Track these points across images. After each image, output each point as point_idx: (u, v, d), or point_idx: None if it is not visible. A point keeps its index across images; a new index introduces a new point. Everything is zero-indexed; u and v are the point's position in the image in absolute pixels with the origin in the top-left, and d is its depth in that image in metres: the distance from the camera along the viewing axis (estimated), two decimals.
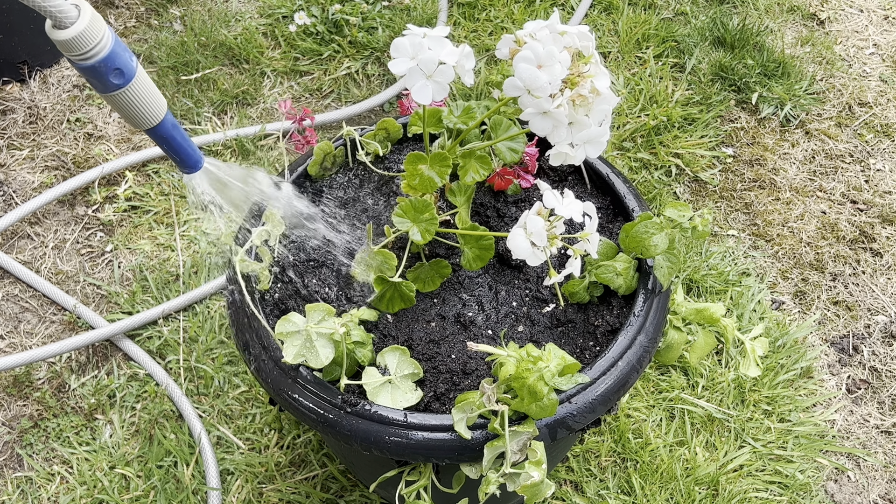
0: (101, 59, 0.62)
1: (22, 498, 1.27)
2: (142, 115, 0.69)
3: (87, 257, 1.57)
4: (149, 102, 0.68)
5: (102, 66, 0.63)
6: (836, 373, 1.43)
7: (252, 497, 1.26)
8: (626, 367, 0.84)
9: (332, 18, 1.92)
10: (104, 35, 0.62)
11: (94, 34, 0.61)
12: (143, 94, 0.67)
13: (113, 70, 0.64)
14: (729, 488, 1.26)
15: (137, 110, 0.68)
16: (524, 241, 0.76)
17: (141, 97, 0.67)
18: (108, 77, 0.64)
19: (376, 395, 0.81)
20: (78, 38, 0.60)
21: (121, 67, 0.64)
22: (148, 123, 0.70)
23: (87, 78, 0.65)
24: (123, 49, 0.64)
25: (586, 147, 0.76)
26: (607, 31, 1.97)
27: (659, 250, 0.87)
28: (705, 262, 1.54)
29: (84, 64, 0.62)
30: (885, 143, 1.78)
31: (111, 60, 0.63)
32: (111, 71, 0.64)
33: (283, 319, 0.80)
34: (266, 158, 1.70)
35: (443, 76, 0.75)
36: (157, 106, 0.69)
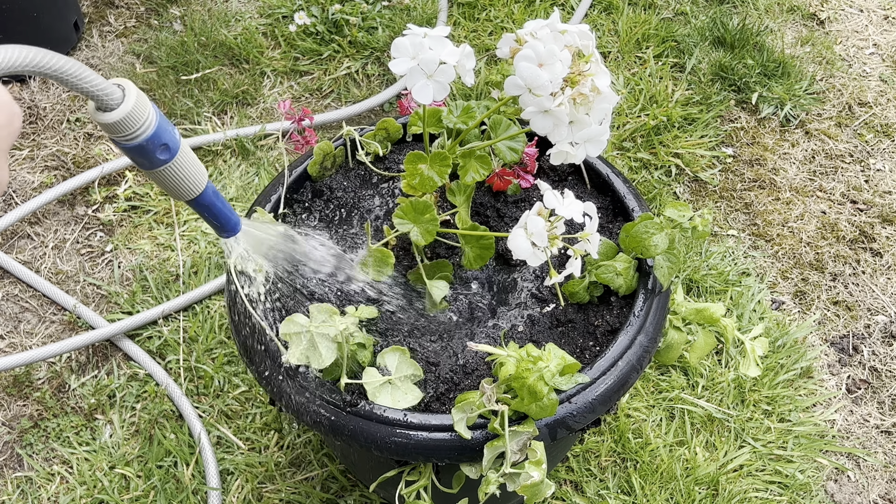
0: (149, 137, 0.61)
1: (22, 498, 1.27)
2: (186, 187, 0.67)
3: (87, 257, 1.57)
4: (192, 174, 0.67)
5: (149, 145, 0.61)
6: (836, 373, 1.43)
7: (252, 497, 1.26)
8: (626, 367, 0.84)
9: (332, 18, 1.92)
10: (149, 113, 0.60)
11: (140, 115, 0.59)
12: (187, 166, 0.66)
13: (160, 146, 0.62)
14: (729, 488, 1.26)
15: (182, 182, 0.66)
16: (525, 241, 0.76)
17: (185, 169, 0.66)
18: (156, 154, 0.62)
19: (377, 395, 0.81)
20: (124, 120, 0.58)
21: (167, 142, 0.62)
22: (191, 194, 0.68)
23: (132, 157, 0.63)
24: (167, 123, 0.62)
25: (587, 146, 0.76)
26: (607, 31, 1.97)
27: (659, 250, 0.87)
28: (705, 262, 1.54)
29: (130, 144, 0.60)
30: (885, 143, 1.78)
31: (157, 138, 0.61)
32: (158, 147, 0.62)
33: (288, 320, 0.80)
34: (266, 158, 1.70)
35: (443, 76, 0.75)
36: (200, 176, 0.68)
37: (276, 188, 1.02)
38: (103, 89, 0.56)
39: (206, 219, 0.73)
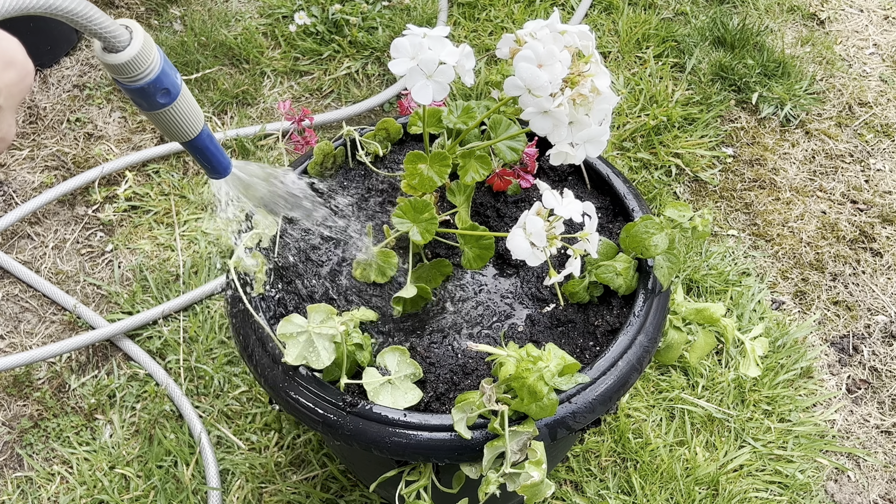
0: (151, 81, 0.61)
1: (22, 498, 1.27)
2: (183, 129, 0.68)
3: (87, 257, 1.57)
4: (189, 117, 0.67)
5: (151, 87, 0.61)
6: (836, 373, 1.43)
7: (252, 497, 1.26)
8: (626, 367, 0.84)
9: (332, 18, 1.92)
10: (154, 57, 0.60)
11: (145, 57, 0.59)
12: (185, 109, 0.66)
13: (161, 90, 0.62)
14: (729, 488, 1.26)
15: (179, 125, 0.67)
16: (524, 241, 0.76)
17: (183, 113, 0.66)
18: (156, 97, 0.62)
19: (377, 396, 0.81)
20: (130, 62, 0.58)
21: (168, 87, 0.63)
22: (187, 136, 0.69)
23: (132, 97, 0.63)
24: (170, 67, 0.63)
25: (586, 146, 0.76)
26: (607, 31, 1.97)
27: (659, 250, 0.87)
28: (705, 262, 1.54)
29: (133, 86, 0.61)
30: (885, 143, 1.78)
31: (160, 82, 0.62)
32: (159, 91, 0.62)
33: (285, 320, 0.80)
34: (266, 158, 1.70)
35: (443, 76, 0.75)
36: (197, 119, 0.68)
37: None
38: (111, 30, 0.56)
39: (197, 160, 0.74)
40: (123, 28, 0.58)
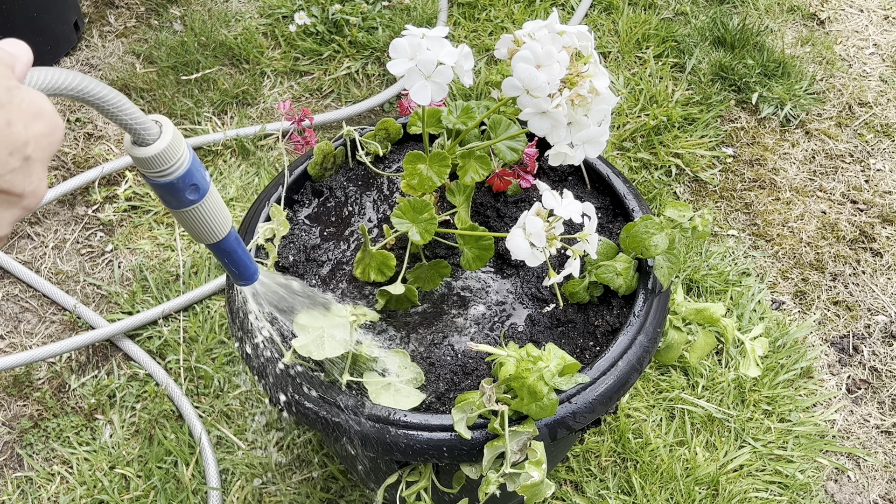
0: (180, 176, 0.60)
1: (22, 498, 1.27)
2: (210, 230, 0.66)
3: (87, 257, 1.57)
4: (217, 218, 0.66)
5: (179, 183, 0.60)
6: (836, 373, 1.43)
7: (252, 497, 1.26)
8: (626, 367, 0.84)
9: (332, 18, 1.92)
10: (183, 152, 0.59)
11: (174, 152, 0.58)
12: (213, 209, 0.65)
13: (189, 186, 0.61)
14: (729, 488, 1.26)
15: (206, 225, 0.66)
16: (523, 241, 0.76)
17: (211, 213, 0.65)
18: (185, 193, 0.61)
19: (378, 396, 0.81)
20: (159, 156, 0.57)
21: (197, 183, 0.61)
22: (213, 238, 0.68)
23: (159, 194, 0.62)
24: (199, 165, 0.62)
25: (585, 147, 0.76)
26: (607, 31, 1.97)
27: (659, 250, 0.87)
28: (705, 262, 1.54)
29: (161, 181, 0.60)
30: (885, 143, 1.78)
31: (189, 177, 0.60)
32: (188, 187, 0.61)
33: (306, 312, 0.81)
34: (266, 158, 1.70)
35: (441, 77, 0.75)
36: (225, 221, 0.67)
37: (276, 188, 1.02)
38: (142, 123, 0.55)
39: (224, 265, 0.73)
40: (153, 122, 0.57)
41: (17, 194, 0.41)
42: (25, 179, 0.41)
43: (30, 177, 0.41)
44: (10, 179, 0.40)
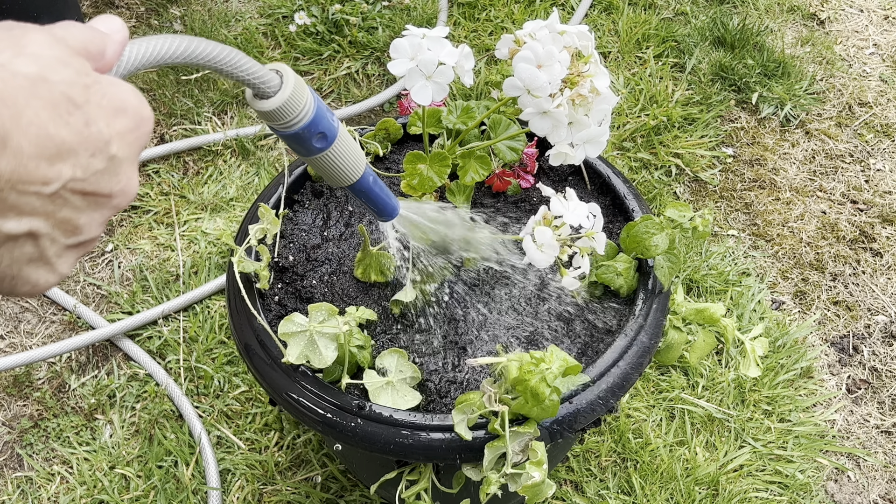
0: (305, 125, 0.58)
1: (22, 498, 1.27)
2: (342, 174, 0.65)
3: (87, 257, 1.57)
4: (349, 161, 0.65)
5: (306, 132, 0.59)
6: (836, 373, 1.43)
7: (252, 497, 1.26)
8: (627, 368, 0.84)
9: (332, 18, 1.92)
10: (307, 101, 0.58)
11: (298, 102, 0.57)
12: (344, 153, 0.64)
13: (316, 135, 0.60)
14: (729, 488, 1.26)
15: (338, 170, 0.65)
16: (535, 251, 0.76)
17: (342, 157, 0.64)
18: (312, 142, 0.60)
19: (377, 396, 0.81)
20: (282, 107, 0.56)
21: (324, 131, 0.60)
22: (348, 181, 0.67)
23: (288, 143, 0.61)
24: (325, 110, 0.60)
25: (586, 147, 0.76)
26: (607, 31, 1.97)
27: (659, 250, 0.86)
28: (705, 262, 1.54)
29: (287, 132, 0.59)
30: (885, 143, 1.78)
31: (315, 126, 0.59)
32: (314, 136, 0.60)
33: (286, 320, 0.80)
34: (266, 158, 1.70)
35: (442, 77, 0.75)
36: (359, 162, 0.66)
37: (276, 188, 1.02)
38: (261, 76, 0.54)
39: (363, 203, 0.72)
40: (273, 73, 0.56)
41: (104, 195, 0.40)
42: (112, 179, 0.40)
43: (117, 176, 0.40)
44: (95, 181, 0.39)
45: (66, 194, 0.38)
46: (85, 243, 0.41)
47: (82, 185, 0.38)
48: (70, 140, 0.37)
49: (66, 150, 0.37)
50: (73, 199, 0.38)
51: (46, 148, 0.36)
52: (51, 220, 0.38)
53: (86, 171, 0.38)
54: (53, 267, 0.40)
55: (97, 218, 0.40)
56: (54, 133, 0.36)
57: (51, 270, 0.40)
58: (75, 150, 0.37)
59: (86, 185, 0.38)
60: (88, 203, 0.39)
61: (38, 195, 0.36)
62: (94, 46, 0.41)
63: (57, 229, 0.39)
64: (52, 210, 0.38)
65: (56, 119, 0.36)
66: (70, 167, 0.37)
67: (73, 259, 0.41)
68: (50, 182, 0.36)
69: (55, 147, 0.36)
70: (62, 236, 0.39)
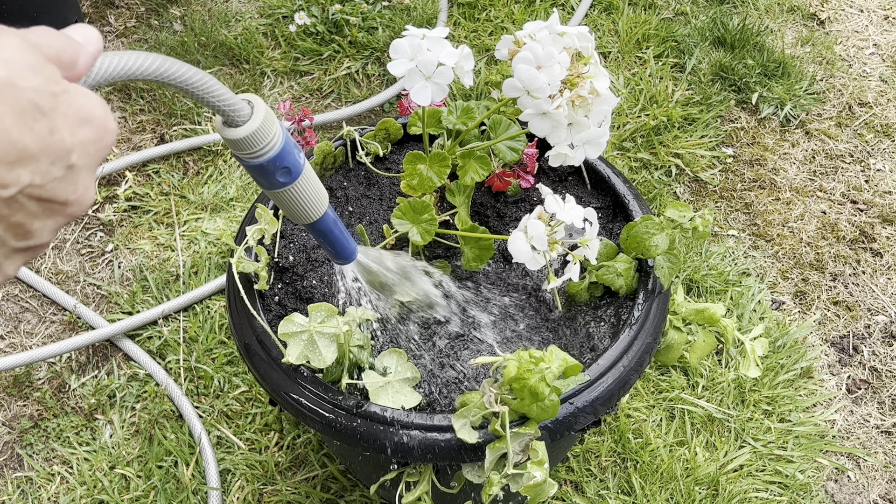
0: (270, 159, 0.58)
1: (22, 498, 1.27)
2: (304, 211, 0.65)
3: (87, 257, 1.57)
4: (312, 199, 0.64)
5: (271, 165, 0.59)
6: (836, 373, 1.43)
7: (252, 497, 1.26)
8: (627, 368, 0.84)
9: (332, 18, 1.92)
10: (276, 133, 0.57)
11: (265, 134, 0.57)
12: (307, 190, 0.63)
13: (280, 169, 0.60)
14: (729, 488, 1.26)
15: (300, 207, 0.64)
16: (525, 245, 0.76)
17: (305, 194, 0.63)
18: (276, 175, 0.60)
19: (377, 396, 0.81)
20: (250, 137, 0.56)
21: (289, 166, 0.60)
22: (308, 219, 0.67)
23: (251, 174, 0.61)
24: (293, 146, 0.60)
25: (585, 148, 0.76)
26: (607, 31, 1.97)
27: (660, 251, 0.86)
28: (705, 262, 1.54)
29: (252, 163, 0.58)
30: (885, 143, 1.78)
31: (280, 159, 0.59)
32: (279, 170, 0.59)
33: (286, 320, 0.80)
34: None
35: (442, 77, 0.75)
36: (321, 201, 0.66)
37: None
38: (231, 104, 0.54)
39: (321, 244, 0.72)
40: (245, 102, 0.56)
41: (60, 202, 0.40)
42: (69, 188, 0.40)
43: (74, 185, 0.41)
44: (52, 188, 0.39)
45: (23, 199, 0.38)
46: (34, 248, 0.41)
47: (39, 191, 0.39)
48: (32, 147, 0.37)
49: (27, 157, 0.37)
50: (29, 204, 0.39)
51: (7, 153, 0.36)
52: (3, 223, 0.38)
53: (44, 178, 0.38)
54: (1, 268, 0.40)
55: (50, 224, 0.41)
56: (17, 138, 0.36)
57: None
58: (36, 157, 0.37)
59: (42, 192, 0.39)
60: (44, 209, 0.40)
61: None
62: (67, 55, 0.41)
63: (8, 232, 0.39)
64: (7, 214, 0.38)
65: (21, 125, 0.36)
66: (29, 173, 0.37)
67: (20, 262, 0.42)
68: (7, 186, 0.37)
69: (16, 152, 0.36)
70: (13, 239, 0.40)
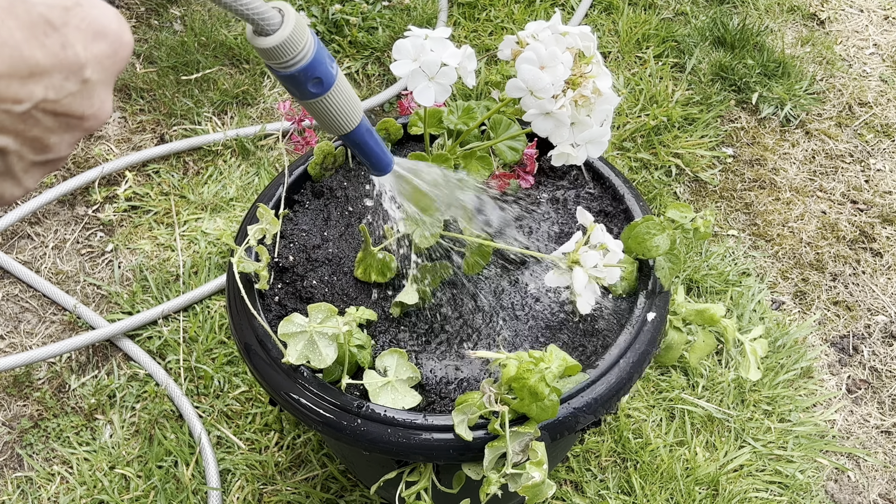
0: (302, 68, 0.58)
1: (22, 498, 1.27)
2: (337, 122, 0.65)
3: (87, 257, 1.57)
4: (345, 110, 0.64)
5: (302, 76, 0.59)
6: (836, 373, 1.43)
7: (252, 497, 1.26)
8: (627, 368, 0.84)
9: (332, 18, 1.92)
10: (307, 42, 0.57)
11: (297, 42, 0.56)
12: (340, 101, 0.63)
13: (312, 79, 0.59)
14: (729, 488, 1.27)
15: (333, 118, 0.64)
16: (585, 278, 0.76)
17: (338, 105, 0.63)
18: (307, 86, 0.60)
19: (378, 396, 0.81)
20: (281, 46, 0.56)
21: (321, 76, 0.60)
22: (342, 130, 0.66)
23: (284, 85, 0.61)
24: (325, 56, 0.60)
25: (588, 147, 0.77)
26: (607, 31, 1.97)
27: (661, 251, 0.87)
28: (705, 262, 1.54)
29: (284, 72, 0.58)
30: (885, 143, 1.78)
31: (312, 69, 0.59)
32: (310, 80, 0.59)
33: (286, 320, 0.80)
34: (266, 158, 1.70)
35: (445, 78, 0.75)
36: (354, 112, 0.65)
37: (276, 188, 1.02)
38: (261, 12, 0.53)
39: (358, 155, 0.72)
40: (275, 10, 0.55)
41: (76, 116, 0.41)
42: (85, 102, 0.40)
43: (90, 99, 0.41)
44: (67, 103, 0.39)
45: (38, 114, 0.39)
46: (53, 161, 0.42)
47: (54, 105, 0.39)
48: (44, 62, 0.37)
49: (39, 72, 0.37)
50: (45, 119, 0.39)
51: (19, 68, 0.36)
52: (20, 137, 0.39)
53: (59, 93, 0.39)
54: (20, 181, 0.41)
55: (67, 139, 0.41)
56: (28, 54, 0.36)
57: (17, 184, 0.41)
58: (49, 72, 0.38)
59: (58, 107, 0.39)
60: (59, 124, 0.40)
61: (8, 113, 0.37)
62: None
63: (26, 147, 0.39)
64: (23, 129, 0.38)
65: (31, 40, 0.37)
66: (42, 88, 0.38)
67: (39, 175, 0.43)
68: (21, 101, 0.37)
69: (28, 68, 0.37)
70: (31, 153, 0.40)
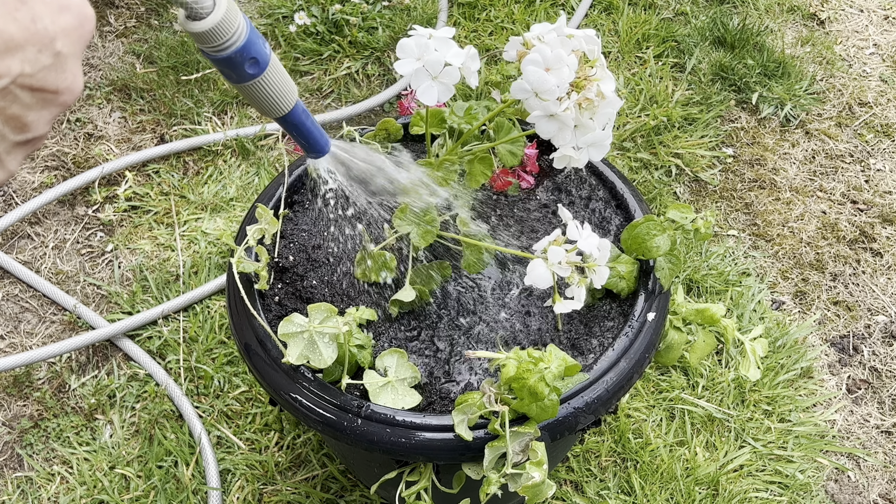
0: (238, 49, 0.59)
1: (22, 498, 1.27)
2: (274, 104, 0.65)
3: (87, 257, 1.57)
4: (282, 90, 0.65)
5: (238, 57, 0.59)
6: (836, 373, 1.43)
7: (252, 497, 1.26)
8: (627, 368, 0.84)
9: (332, 18, 1.92)
10: (240, 23, 0.58)
11: (231, 23, 0.57)
12: (276, 81, 0.64)
13: (249, 59, 0.60)
14: (729, 488, 1.27)
15: (270, 99, 0.65)
16: (546, 271, 0.76)
17: (274, 85, 0.64)
18: (244, 67, 0.60)
19: (378, 396, 0.81)
20: (215, 29, 0.56)
21: (256, 56, 0.60)
22: (279, 112, 0.67)
23: (219, 69, 0.61)
24: (257, 37, 0.60)
25: (590, 150, 0.77)
26: (607, 31, 1.97)
27: (661, 252, 0.87)
28: (705, 262, 1.54)
29: (218, 56, 0.59)
30: (885, 143, 1.78)
31: (247, 50, 0.59)
32: (246, 61, 0.60)
33: (286, 321, 0.80)
34: (266, 158, 1.70)
35: (448, 77, 0.75)
36: (290, 92, 0.66)
37: (276, 188, 1.02)
38: None
39: (294, 137, 0.72)
40: None
41: (51, 91, 0.41)
42: (59, 76, 0.41)
43: (63, 73, 0.41)
44: (42, 77, 0.40)
45: (16, 90, 0.39)
46: (33, 140, 0.42)
47: (31, 80, 0.39)
48: (18, 35, 0.38)
49: (14, 46, 0.37)
50: (23, 95, 0.39)
51: None
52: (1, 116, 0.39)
53: (34, 67, 0.39)
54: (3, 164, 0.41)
55: (45, 115, 0.42)
56: (2, 28, 0.37)
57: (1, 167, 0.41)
58: (23, 46, 0.38)
59: (34, 81, 0.39)
60: (37, 100, 0.40)
61: None
62: None
63: (7, 126, 0.40)
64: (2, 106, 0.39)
65: (3, 14, 0.37)
66: (19, 62, 0.38)
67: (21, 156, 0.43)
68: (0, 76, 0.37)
69: (3, 42, 0.37)
70: (11, 133, 0.40)
